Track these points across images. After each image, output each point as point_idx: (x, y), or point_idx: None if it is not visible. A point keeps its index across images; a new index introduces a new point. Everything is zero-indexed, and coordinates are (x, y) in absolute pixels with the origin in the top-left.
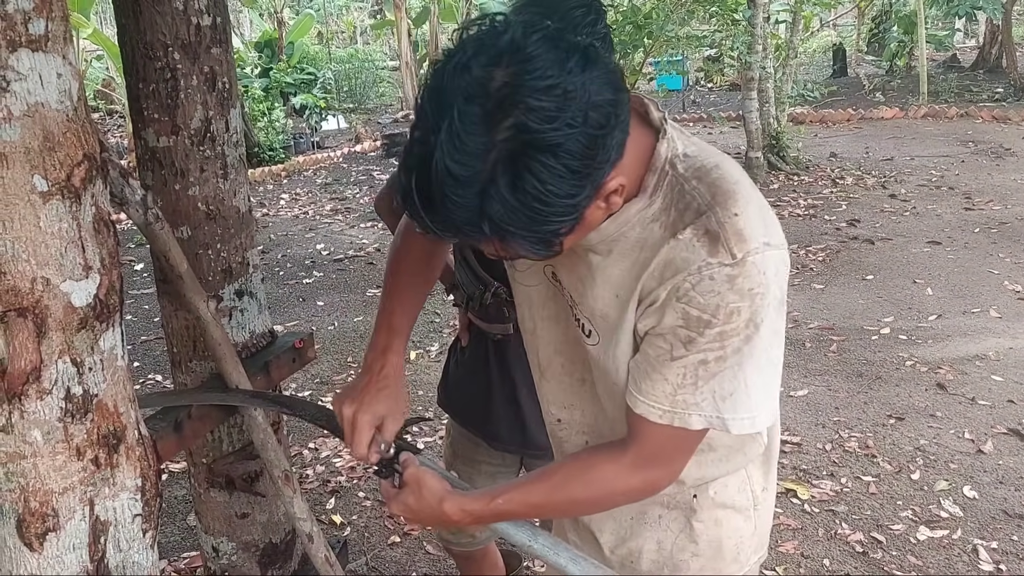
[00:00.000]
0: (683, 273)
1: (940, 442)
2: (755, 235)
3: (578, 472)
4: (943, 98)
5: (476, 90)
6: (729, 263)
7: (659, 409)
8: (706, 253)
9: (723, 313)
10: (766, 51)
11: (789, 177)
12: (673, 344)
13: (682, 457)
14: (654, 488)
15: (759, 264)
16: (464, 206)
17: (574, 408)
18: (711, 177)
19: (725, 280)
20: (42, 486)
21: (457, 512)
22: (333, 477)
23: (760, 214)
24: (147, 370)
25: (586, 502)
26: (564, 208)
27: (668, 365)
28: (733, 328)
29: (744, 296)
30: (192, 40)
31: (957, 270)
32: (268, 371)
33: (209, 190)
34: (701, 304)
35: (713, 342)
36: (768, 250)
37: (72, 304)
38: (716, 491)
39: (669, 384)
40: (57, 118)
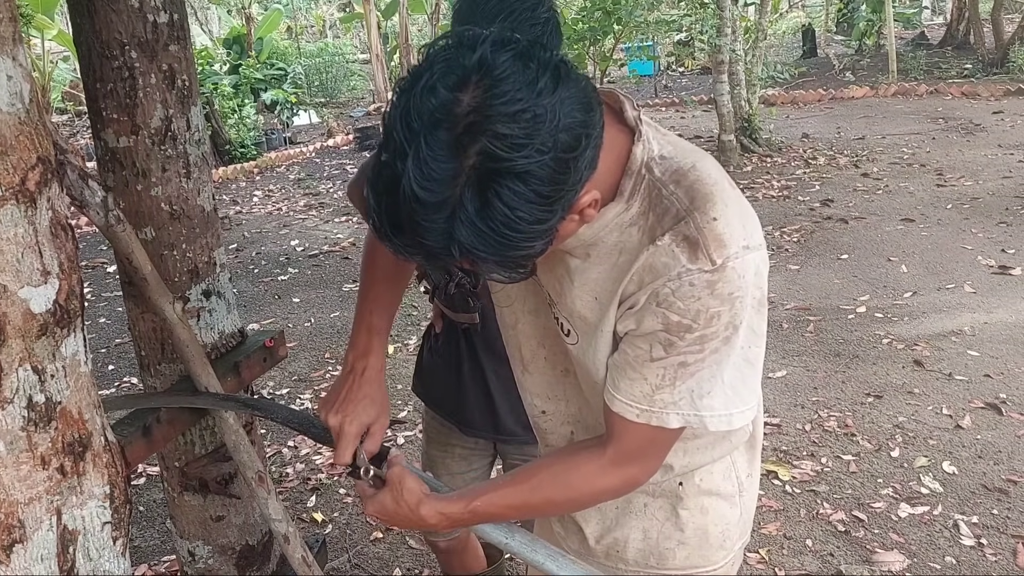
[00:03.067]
0: (663, 279)
1: (918, 419)
2: (734, 239)
3: (556, 474)
4: (912, 76)
5: (443, 115)
6: (709, 269)
7: (637, 408)
8: (686, 259)
9: (703, 318)
10: (735, 33)
11: (762, 159)
12: (653, 346)
13: (659, 454)
14: (632, 485)
15: (739, 269)
16: (432, 230)
17: (559, 399)
18: (688, 180)
19: (705, 286)
20: (7, 497)
21: (434, 515)
22: (313, 475)
23: (739, 216)
24: (122, 373)
25: (565, 503)
26: (535, 233)
27: (647, 366)
28: (713, 332)
29: (724, 301)
30: (149, 38)
31: (931, 247)
32: (239, 371)
33: (172, 190)
34: (681, 309)
35: (693, 345)
36: (747, 253)
37: (31, 310)
38: (702, 478)
39: (648, 384)
40: (8, 121)
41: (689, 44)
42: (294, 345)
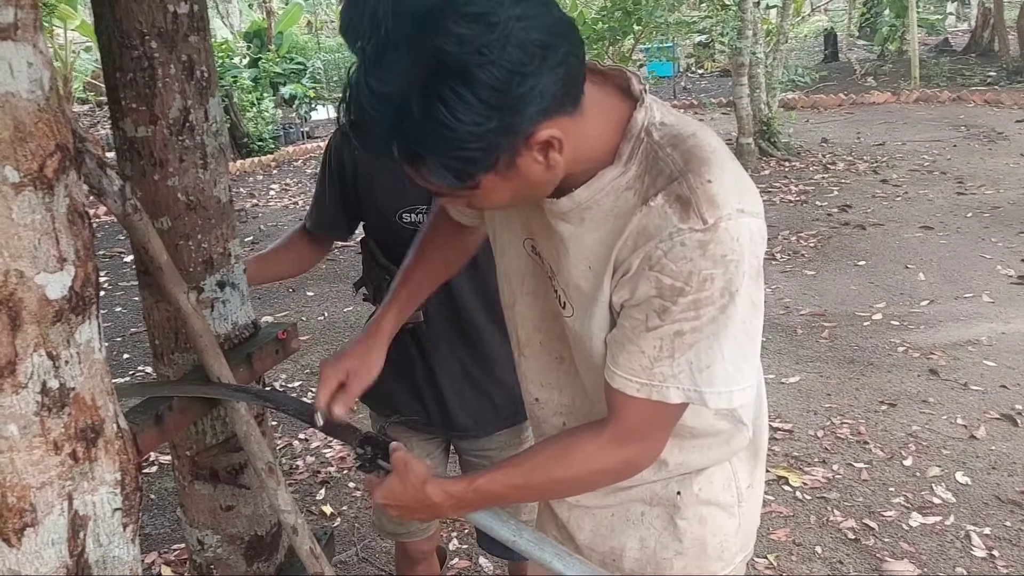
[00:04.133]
0: (655, 240)
1: (932, 428)
2: (728, 201)
3: (558, 452)
4: (935, 82)
5: (407, 9)
6: (700, 228)
7: (636, 382)
8: (677, 219)
9: (696, 280)
10: (756, 36)
11: (780, 163)
12: (648, 315)
13: (660, 434)
14: (634, 466)
15: (731, 230)
16: (380, 122)
17: (552, 388)
18: (686, 144)
19: (697, 246)
20: (19, 481)
21: (440, 494)
22: (323, 468)
23: (735, 182)
24: (137, 362)
25: (566, 481)
26: (470, 137)
27: (643, 336)
28: (707, 296)
29: (717, 263)
30: (169, 28)
31: (949, 255)
32: (251, 363)
33: (189, 180)
34: (673, 271)
35: (687, 311)
36: (742, 217)
37: (47, 296)
38: (700, 487)
39: (646, 356)
40: (28, 108)
41: (709, 46)
42: (307, 339)
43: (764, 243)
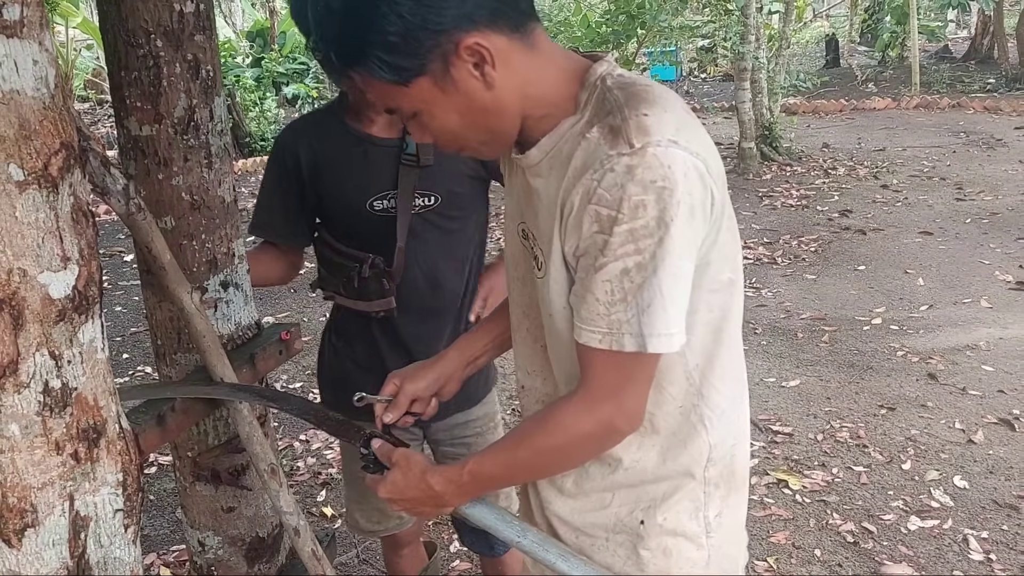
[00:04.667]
0: (589, 171)
1: (931, 432)
2: (660, 131)
3: (536, 422)
4: (935, 89)
5: None
6: (627, 152)
7: (598, 332)
8: (607, 147)
9: (627, 207)
10: (759, 41)
11: (782, 167)
12: (595, 256)
13: (631, 391)
14: (612, 428)
15: (660, 156)
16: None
17: (535, 375)
18: (634, 88)
19: (625, 171)
20: (20, 481)
21: (442, 483)
22: (324, 469)
23: (676, 121)
24: (136, 362)
25: (550, 452)
26: (390, 23)
27: (594, 280)
28: (643, 226)
29: (647, 188)
30: (175, 27)
31: (948, 260)
32: (254, 363)
33: (193, 180)
34: (608, 201)
35: (627, 244)
36: (674, 147)
37: (50, 296)
38: (665, 516)
39: (600, 303)
40: (33, 106)
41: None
42: (309, 339)
43: (703, 186)
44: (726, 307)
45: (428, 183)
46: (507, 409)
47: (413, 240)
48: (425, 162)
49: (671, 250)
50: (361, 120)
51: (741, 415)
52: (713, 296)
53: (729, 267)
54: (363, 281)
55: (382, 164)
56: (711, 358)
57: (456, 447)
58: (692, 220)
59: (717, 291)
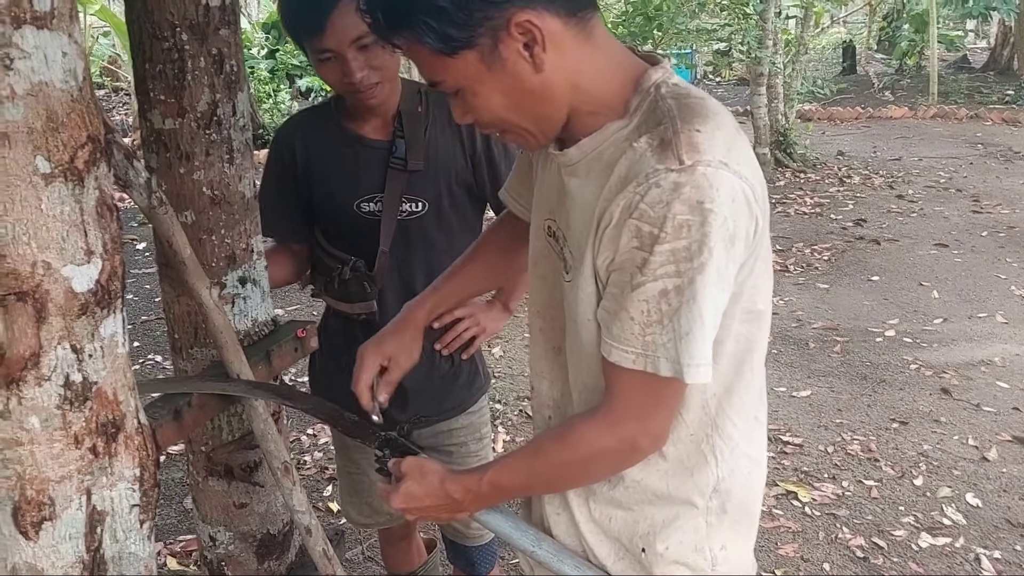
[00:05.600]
0: (633, 183)
1: (944, 448)
2: (711, 150)
3: (556, 435)
4: (953, 99)
5: None
6: (676, 168)
7: (632, 353)
8: (655, 160)
9: (671, 226)
10: (776, 46)
11: (796, 174)
12: (632, 273)
13: (656, 413)
14: (634, 448)
15: (709, 177)
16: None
17: (544, 378)
18: (689, 100)
19: (671, 188)
20: (39, 474)
21: (460, 491)
22: (331, 464)
23: (728, 141)
24: (147, 350)
25: (568, 465)
26: None
27: (630, 298)
28: (684, 247)
29: (693, 209)
30: (200, 21)
31: (964, 273)
32: (270, 360)
33: (214, 174)
34: (651, 217)
35: (667, 264)
36: (724, 169)
37: (73, 289)
38: (667, 546)
39: (636, 323)
40: (61, 98)
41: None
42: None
43: (749, 213)
44: (752, 338)
45: (416, 189)
46: (514, 409)
47: (399, 247)
48: (413, 167)
49: (712, 277)
50: (354, 120)
51: (755, 448)
52: (741, 326)
53: (760, 298)
54: (344, 283)
55: (371, 166)
56: (730, 390)
57: (439, 454)
58: (733, 247)
59: (745, 322)
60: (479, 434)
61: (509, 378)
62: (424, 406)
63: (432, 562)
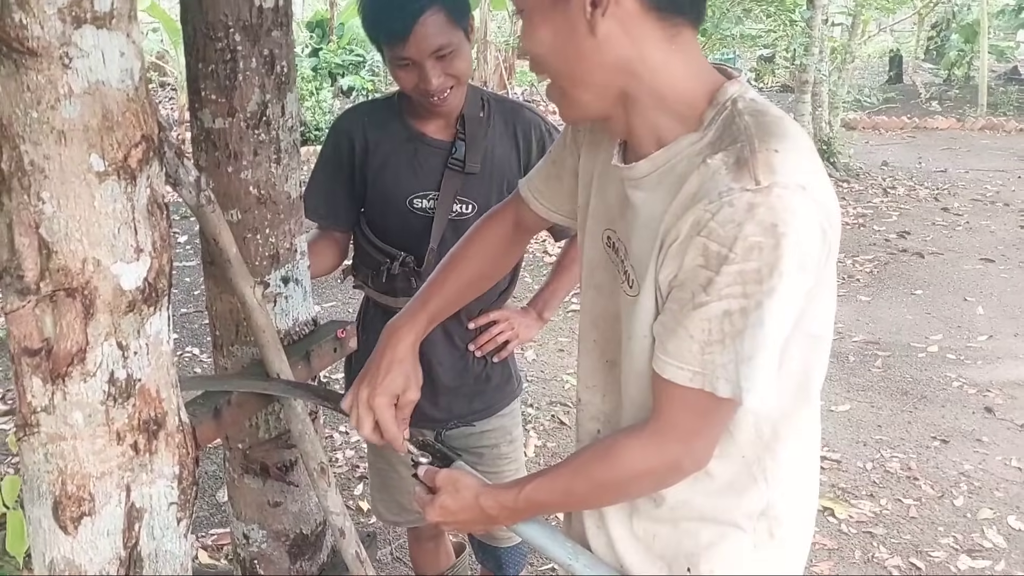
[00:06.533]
0: (704, 201)
1: (986, 468)
2: (789, 172)
3: (598, 452)
4: (1002, 111)
5: None
6: (752, 188)
7: (689, 371)
8: (730, 179)
9: (741, 247)
10: (822, 53)
11: (839, 184)
12: (694, 291)
13: (703, 433)
14: (676, 469)
15: (786, 199)
16: None
17: (596, 390)
18: (767, 118)
19: (746, 208)
20: (80, 469)
21: (495, 506)
22: (362, 463)
23: (806, 163)
24: (184, 343)
25: (609, 483)
26: None
27: (691, 317)
28: (753, 269)
29: (766, 231)
30: (253, 22)
31: (1010, 290)
32: (309, 360)
33: (261, 174)
34: (720, 236)
35: (734, 285)
36: (801, 193)
37: (121, 287)
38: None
39: (695, 341)
40: (117, 97)
41: (772, 60)
42: None
43: (823, 240)
44: (810, 364)
45: (469, 191)
46: (547, 414)
47: (444, 245)
48: (471, 169)
49: (780, 302)
50: (418, 118)
51: (808, 476)
52: (799, 351)
53: (820, 322)
54: (391, 277)
55: (429, 164)
56: (787, 415)
57: (470, 455)
58: (803, 274)
59: (804, 346)
60: (510, 436)
61: (542, 382)
62: (455, 405)
63: (460, 565)
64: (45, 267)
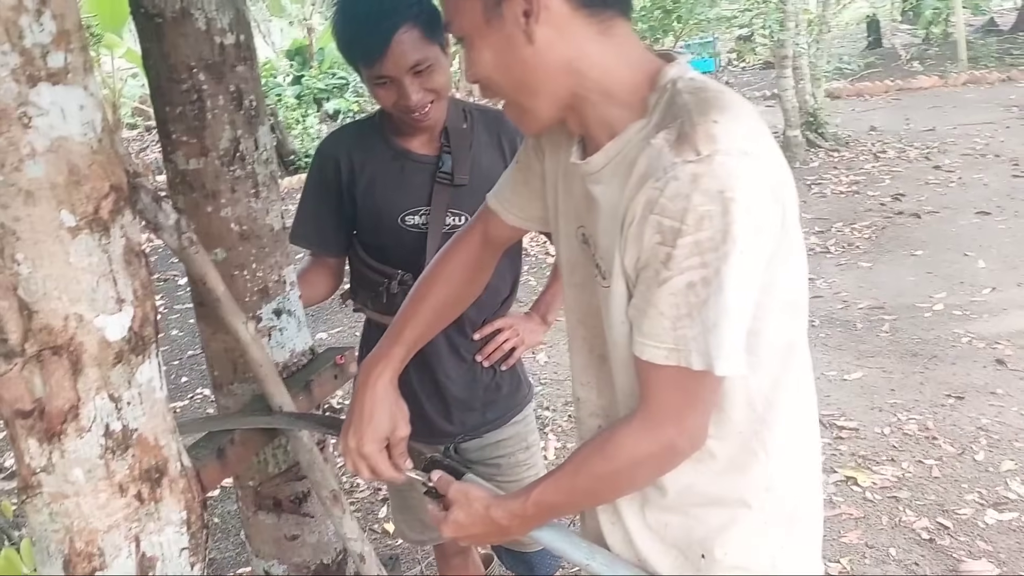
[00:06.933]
0: (652, 179)
1: (1003, 420)
2: (730, 140)
3: (595, 447)
4: (983, 63)
5: None
6: (693, 160)
7: (664, 348)
8: (673, 155)
9: (692, 218)
10: (798, 27)
11: (829, 154)
12: (657, 269)
13: (691, 410)
14: (673, 451)
15: (728, 165)
16: None
17: (590, 387)
18: (707, 94)
19: (690, 179)
20: (87, 525)
21: (506, 516)
22: (383, 486)
23: (748, 130)
24: (195, 384)
25: (610, 476)
26: None
27: (658, 294)
28: (708, 238)
29: (713, 199)
30: (216, 60)
31: (1009, 240)
32: (310, 390)
33: (241, 210)
34: (671, 211)
35: (692, 256)
36: (744, 158)
37: (106, 339)
38: (725, 552)
39: (666, 318)
40: (81, 151)
41: (750, 39)
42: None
43: (774, 199)
44: (792, 329)
45: (459, 203)
46: (563, 415)
47: None
48: (459, 181)
49: (737, 266)
50: (402, 135)
51: (808, 444)
52: (780, 318)
53: (796, 288)
54: (391, 296)
55: (417, 180)
56: (776, 384)
57: (488, 467)
58: (759, 235)
59: (784, 312)
60: (526, 443)
61: (556, 383)
62: (468, 417)
63: None
64: (28, 328)
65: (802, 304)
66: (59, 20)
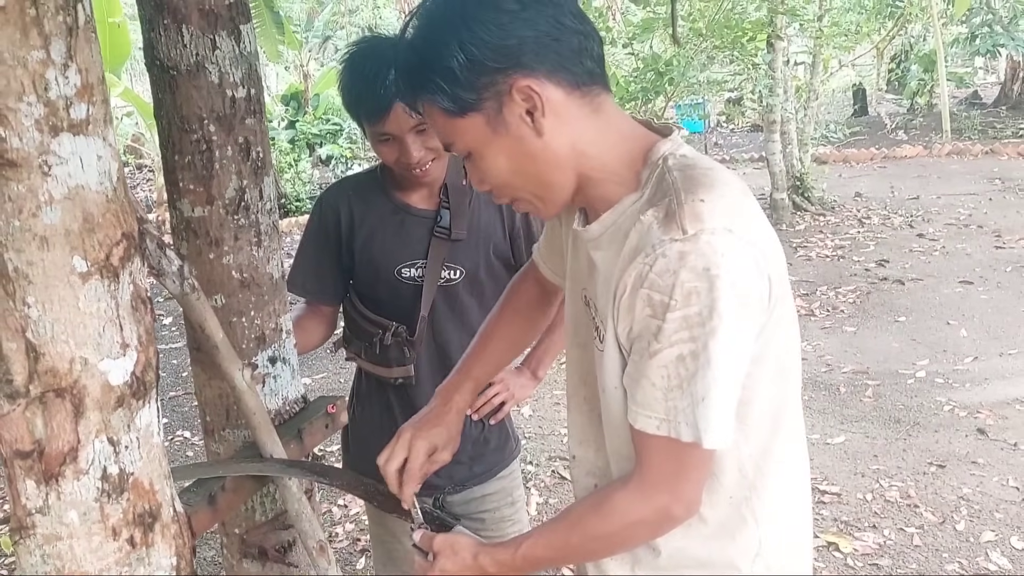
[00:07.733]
0: (642, 255)
1: (984, 490)
2: (714, 219)
3: (590, 507)
4: (967, 135)
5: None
6: (680, 238)
7: (655, 419)
8: (661, 232)
9: (680, 294)
10: (787, 93)
11: (815, 217)
12: (649, 341)
13: (686, 480)
14: (668, 517)
15: (713, 243)
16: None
17: (588, 445)
18: (694, 172)
19: (677, 257)
20: (78, 568)
21: (493, 564)
22: (363, 535)
23: (732, 207)
24: (175, 427)
25: (604, 537)
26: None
27: (649, 365)
28: (696, 313)
29: (699, 276)
30: (227, 112)
31: (991, 310)
32: (301, 438)
33: (243, 258)
34: (660, 286)
35: (681, 331)
36: (729, 236)
37: (109, 383)
38: None
39: (657, 389)
40: (97, 199)
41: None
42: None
43: (759, 274)
44: (782, 398)
45: (456, 257)
46: (547, 470)
47: (435, 312)
48: (457, 236)
49: (725, 341)
50: (402, 190)
51: (799, 510)
52: (771, 387)
53: (788, 357)
54: (384, 348)
55: (416, 234)
56: (766, 451)
57: (473, 521)
58: (746, 310)
59: (775, 382)
60: (511, 498)
61: (540, 438)
62: (455, 471)
63: None
64: (33, 369)
65: (794, 369)
66: (84, 74)
